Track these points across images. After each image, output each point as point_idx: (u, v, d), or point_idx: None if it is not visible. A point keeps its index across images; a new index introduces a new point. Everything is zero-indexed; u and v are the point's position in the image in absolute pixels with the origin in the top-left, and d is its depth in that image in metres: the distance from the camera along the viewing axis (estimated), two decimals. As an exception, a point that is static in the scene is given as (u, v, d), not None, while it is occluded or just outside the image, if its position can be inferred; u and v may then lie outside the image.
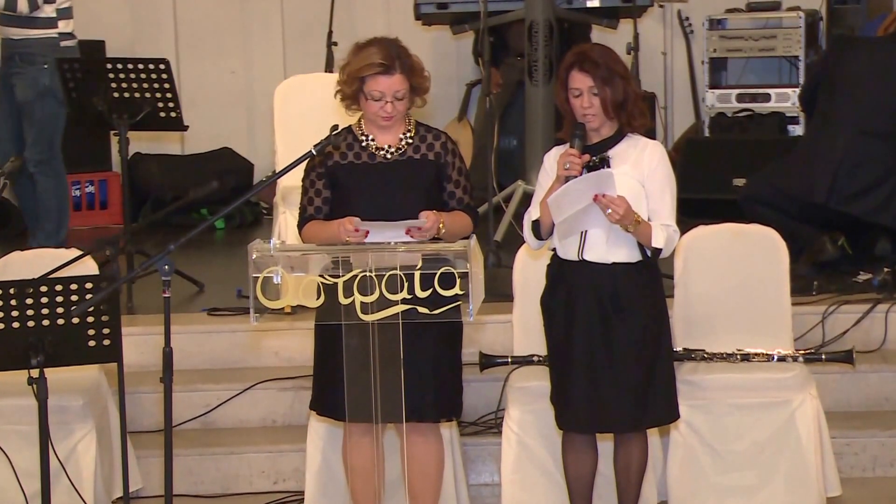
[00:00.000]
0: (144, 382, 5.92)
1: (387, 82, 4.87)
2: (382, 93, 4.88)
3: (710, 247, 5.80)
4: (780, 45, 8.90)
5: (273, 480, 5.95)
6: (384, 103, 4.89)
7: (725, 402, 5.52)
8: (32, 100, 7.27)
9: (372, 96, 4.89)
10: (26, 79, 7.24)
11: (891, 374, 6.13)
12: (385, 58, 4.86)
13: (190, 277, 7.14)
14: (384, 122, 4.94)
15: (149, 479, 5.80)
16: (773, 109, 8.80)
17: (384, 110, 4.89)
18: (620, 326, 4.94)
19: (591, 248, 4.94)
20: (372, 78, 4.87)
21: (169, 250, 4.72)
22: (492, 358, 5.73)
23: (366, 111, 4.95)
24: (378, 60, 4.85)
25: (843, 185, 6.90)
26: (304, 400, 5.29)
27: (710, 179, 8.09)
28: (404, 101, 4.92)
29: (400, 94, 4.89)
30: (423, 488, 5.05)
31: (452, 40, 9.39)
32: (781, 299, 5.75)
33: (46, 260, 5.62)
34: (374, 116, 4.93)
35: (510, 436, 5.53)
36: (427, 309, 4.63)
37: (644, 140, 5.02)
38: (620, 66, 4.97)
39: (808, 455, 5.48)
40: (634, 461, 5.12)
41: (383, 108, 4.89)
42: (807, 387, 5.55)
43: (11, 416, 5.46)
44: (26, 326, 4.85)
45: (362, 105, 4.94)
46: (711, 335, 5.66)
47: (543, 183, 5.01)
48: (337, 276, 4.64)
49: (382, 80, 4.87)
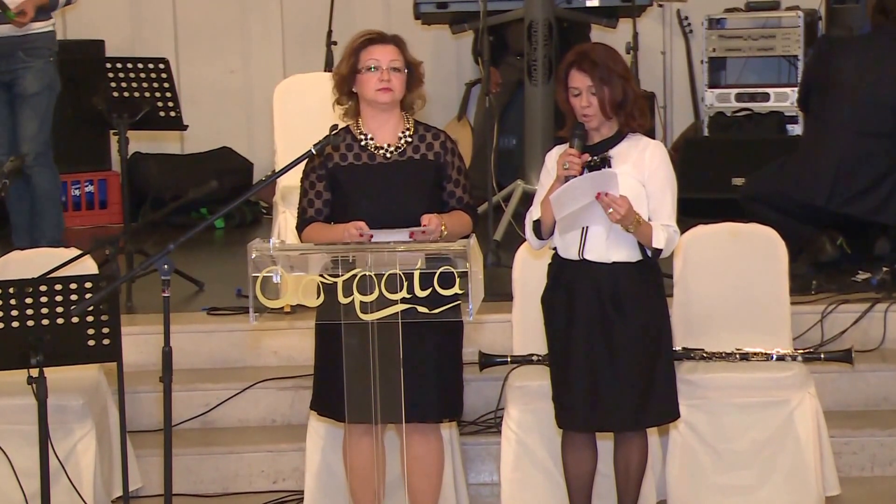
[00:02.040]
0: (144, 382, 5.92)
1: (381, 50, 4.92)
2: (378, 60, 4.90)
3: (710, 246, 5.80)
4: (779, 45, 8.90)
5: (272, 480, 5.95)
6: (381, 72, 4.90)
7: (724, 402, 5.53)
8: (39, 91, 7.21)
9: (368, 66, 4.90)
10: (35, 71, 7.20)
11: (889, 374, 6.13)
12: (378, 32, 4.98)
13: (189, 277, 7.15)
14: (384, 97, 4.92)
15: (148, 478, 5.80)
16: (772, 109, 8.80)
17: (382, 80, 4.89)
18: (620, 326, 4.95)
19: (592, 248, 4.95)
20: (365, 49, 4.92)
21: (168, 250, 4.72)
22: (491, 357, 5.74)
23: (365, 93, 4.94)
24: (372, 32, 4.97)
25: (843, 188, 6.90)
26: (303, 399, 5.29)
27: (709, 179, 8.10)
28: (401, 76, 4.93)
29: (395, 64, 4.91)
30: (422, 488, 5.05)
31: (452, 40, 9.40)
32: (780, 299, 5.76)
33: (46, 259, 5.62)
34: (374, 92, 4.92)
35: (510, 435, 5.53)
36: (427, 308, 4.63)
37: (645, 140, 5.02)
38: (620, 65, 4.97)
39: (806, 454, 5.48)
40: (634, 460, 5.12)
41: (381, 77, 4.89)
42: (806, 386, 5.56)
43: (11, 416, 5.46)
44: (26, 326, 4.86)
45: (360, 89, 4.93)
46: (710, 334, 5.67)
47: (545, 182, 5.01)
48: (336, 276, 4.64)
49: (376, 49, 4.92)
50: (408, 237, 4.79)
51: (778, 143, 8.27)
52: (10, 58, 7.14)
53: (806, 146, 7.28)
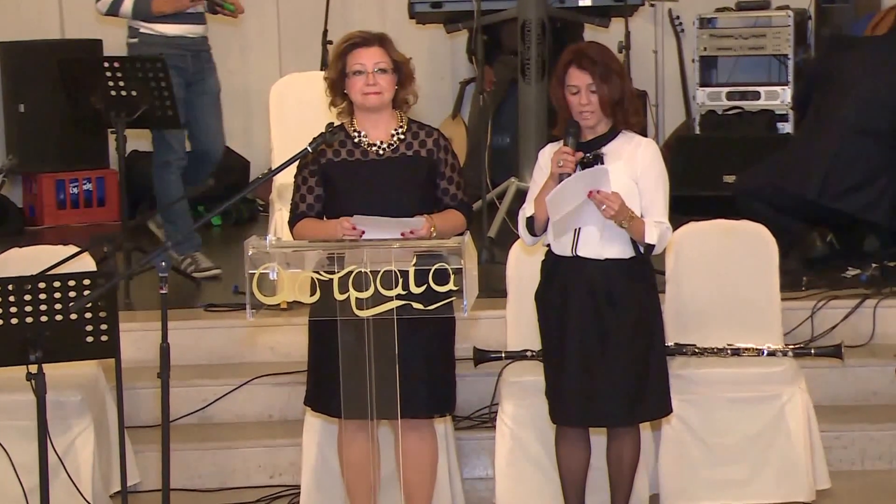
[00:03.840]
0: (142, 378, 5.93)
1: (365, 53, 4.94)
2: (363, 64, 4.93)
3: (701, 243, 5.82)
4: (770, 44, 8.92)
5: (269, 474, 5.97)
6: (367, 75, 4.92)
7: (716, 397, 5.55)
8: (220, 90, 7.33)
9: (354, 70, 4.94)
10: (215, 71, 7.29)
11: (879, 369, 6.15)
12: (362, 34, 5.01)
13: (186, 274, 7.18)
14: (373, 101, 4.95)
15: (146, 473, 5.81)
16: (762, 107, 8.82)
17: (368, 84, 4.93)
18: (613, 321, 4.97)
19: (585, 244, 4.97)
20: (350, 53, 4.95)
21: (166, 247, 4.77)
22: (486, 353, 5.77)
23: (354, 95, 4.97)
24: (356, 35, 5.00)
25: (835, 183, 6.91)
26: (300, 395, 5.30)
27: (700, 176, 8.11)
28: (388, 76, 4.95)
29: (382, 66, 4.94)
30: (417, 483, 5.07)
31: (446, 39, 9.41)
32: (771, 295, 5.79)
33: (45, 256, 5.61)
34: (362, 96, 4.95)
35: (504, 430, 5.55)
36: (422, 305, 4.63)
37: (638, 137, 5.04)
38: (617, 64, 5.00)
39: (797, 448, 5.51)
40: (627, 455, 5.14)
41: (367, 81, 4.92)
42: (796, 381, 5.58)
43: (10, 412, 5.47)
44: (25, 322, 4.84)
45: (349, 91, 4.96)
46: (702, 330, 5.69)
47: (538, 179, 5.03)
48: (332, 273, 4.64)
49: (361, 52, 4.94)
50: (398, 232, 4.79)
51: (768, 141, 8.30)
52: (197, 57, 7.18)
53: (801, 140, 7.30)
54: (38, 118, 9.03)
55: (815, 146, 7.02)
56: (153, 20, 6.70)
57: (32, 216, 9.22)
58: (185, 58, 7.08)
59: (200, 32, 7.17)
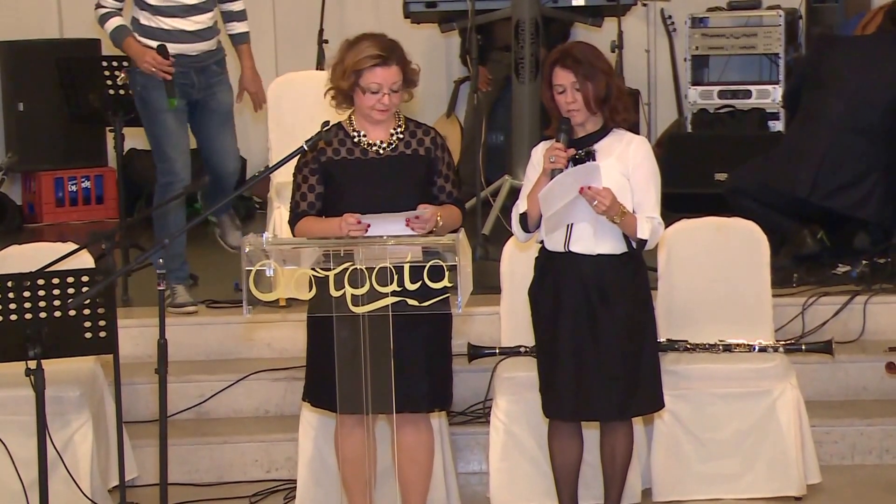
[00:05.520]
0: (140, 373, 5.96)
1: (384, 73, 4.90)
2: (380, 84, 4.90)
3: (693, 240, 5.85)
4: (761, 43, 8.94)
5: (266, 469, 5.99)
6: (381, 95, 4.90)
7: (708, 392, 5.57)
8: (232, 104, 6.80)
9: (370, 89, 4.90)
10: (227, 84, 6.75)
11: (869, 364, 6.17)
12: (382, 49, 4.91)
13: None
14: (379, 116, 4.96)
15: (144, 468, 5.84)
16: (753, 106, 8.82)
17: (381, 103, 4.91)
18: (606, 316, 5.00)
19: (578, 240, 5.00)
20: (369, 70, 4.89)
21: (163, 244, 4.81)
22: (480, 349, 5.79)
23: (361, 106, 4.96)
24: (375, 52, 4.90)
25: (826, 181, 6.92)
26: (296, 390, 5.32)
27: (692, 174, 8.11)
28: (399, 93, 4.95)
29: (396, 86, 4.92)
30: (413, 477, 5.09)
31: (441, 38, 9.43)
32: (762, 291, 5.82)
33: (43, 254, 5.64)
34: (371, 110, 4.94)
35: (498, 425, 5.58)
36: (417, 301, 4.65)
37: (629, 135, 5.07)
38: (602, 62, 5.02)
39: (788, 443, 5.54)
40: (620, 449, 5.17)
41: (380, 100, 4.91)
42: (787, 377, 5.61)
43: (9, 407, 5.49)
44: (24, 319, 4.85)
45: (357, 100, 4.96)
46: (694, 326, 5.72)
47: (531, 176, 5.06)
48: (328, 270, 4.66)
49: (380, 72, 4.90)
50: (403, 223, 4.81)
51: (759, 140, 8.30)
52: (203, 72, 6.62)
53: (792, 138, 7.30)
54: (37, 117, 9.06)
55: (805, 144, 7.03)
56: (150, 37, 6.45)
57: (31, 213, 9.25)
58: (188, 74, 6.52)
59: (204, 48, 6.57)
